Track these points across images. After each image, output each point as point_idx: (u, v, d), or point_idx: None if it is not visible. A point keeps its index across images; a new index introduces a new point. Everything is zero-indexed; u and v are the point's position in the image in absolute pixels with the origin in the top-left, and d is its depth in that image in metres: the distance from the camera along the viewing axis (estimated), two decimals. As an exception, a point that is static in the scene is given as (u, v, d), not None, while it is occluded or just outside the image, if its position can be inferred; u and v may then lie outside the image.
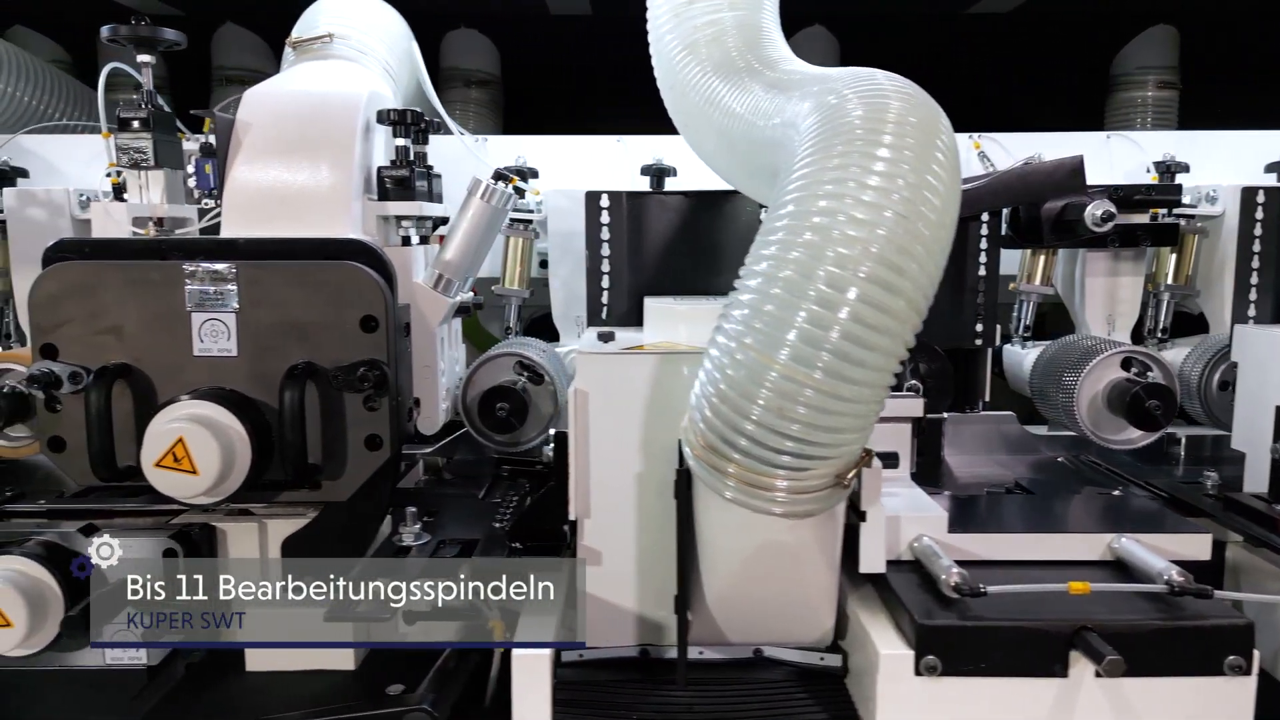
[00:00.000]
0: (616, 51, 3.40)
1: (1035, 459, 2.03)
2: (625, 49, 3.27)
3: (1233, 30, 3.42)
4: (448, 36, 3.22)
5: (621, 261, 1.76)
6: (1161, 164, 2.13)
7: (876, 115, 1.15)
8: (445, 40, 3.21)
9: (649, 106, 2.59)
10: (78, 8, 3.28)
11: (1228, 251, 2.09)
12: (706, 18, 1.55)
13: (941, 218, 1.10)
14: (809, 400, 1.08)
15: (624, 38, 3.27)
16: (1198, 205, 2.10)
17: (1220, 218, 2.10)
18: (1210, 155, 2.24)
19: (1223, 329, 2.10)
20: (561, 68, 3.44)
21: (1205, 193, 2.11)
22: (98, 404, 1.36)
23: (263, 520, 1.54)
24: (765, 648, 1.40)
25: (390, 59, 1.85)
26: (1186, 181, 2.12)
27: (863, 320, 1.06)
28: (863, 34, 3.16)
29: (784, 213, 1.14)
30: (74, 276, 1.40)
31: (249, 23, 3.30)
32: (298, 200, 1.53)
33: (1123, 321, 2.08)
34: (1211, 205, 2.09)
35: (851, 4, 3.16)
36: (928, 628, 1.16)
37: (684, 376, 1.35)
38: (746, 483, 1.15)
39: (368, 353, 1.41)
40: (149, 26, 1.69)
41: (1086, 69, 3.41)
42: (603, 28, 3.35)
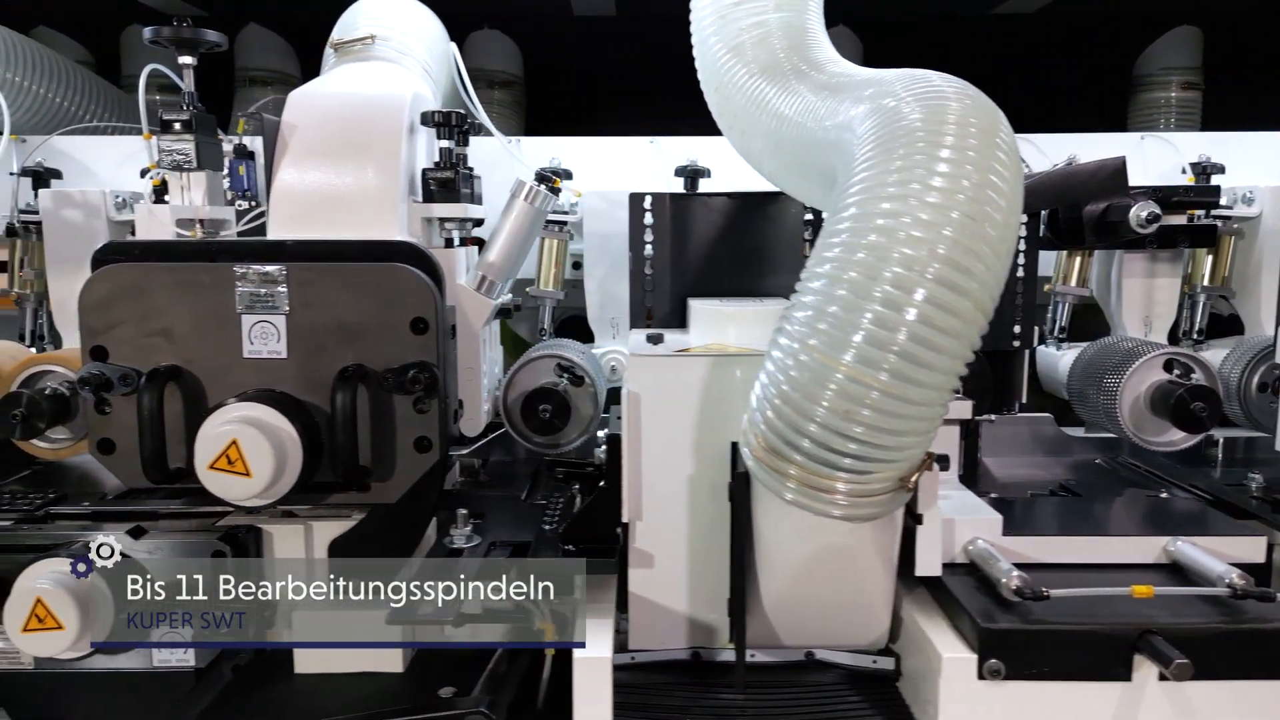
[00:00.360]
0: (640, 52, 3.42)
1: (1072, 460, 2.03)
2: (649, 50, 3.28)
3: (1256, 31, 3.41)
4: (470, 37, 3.22)
5: (664, 263, 1.76)
6: (1198, 165, 2.12)
7: (937, 117, 1.14)
8: (468, 41, 3.21)
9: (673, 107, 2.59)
10: (101, 8, 3.29)
11: (1264, 252, 2.08)
12: (752, 19, 1.55)
13: (1007, 218, 1.10)
14: (874, 403, 1.08)
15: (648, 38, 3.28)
16: (1233, 206, 2.10)
17: (1257, 219, 2.09)
18: (1242, 156, 2.23)
19: (1258, 330, 2.09)
20: (585, 68, 3.44)
21: (1241, 194, 2.10)
22: (150, 406, 1.36)
23: (308, 522, 1.54)
24: (817, 650, 1.39)
25: (429, 60, 1.85)
26: (1222, 183, 2.12)
27: (930, 322, 1.05)
28: (887, 35, 3.15)
29: (846, 215, 1.13)
30: (125, 278, 1.40)
31: (272, 23, 3.30)
32: (345, 202, 1.53)
33: (1159, 323, 2.07)
34: (1248, 206, 2.09)
35: (876, 5, 3.15)
36: (991, 631, 1.16)
37: (736, 379, 1.35)
38: (807, 485, 1.15)
39: (418, 355, 1.41)
40: (191, 28, 1.69)
41: (1110, 70, 3.41)
42: (626, 28, 3.36)
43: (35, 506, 1.60)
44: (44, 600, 1.32)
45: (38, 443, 1.71)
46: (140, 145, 2.24)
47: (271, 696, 1.41)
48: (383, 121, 1.57)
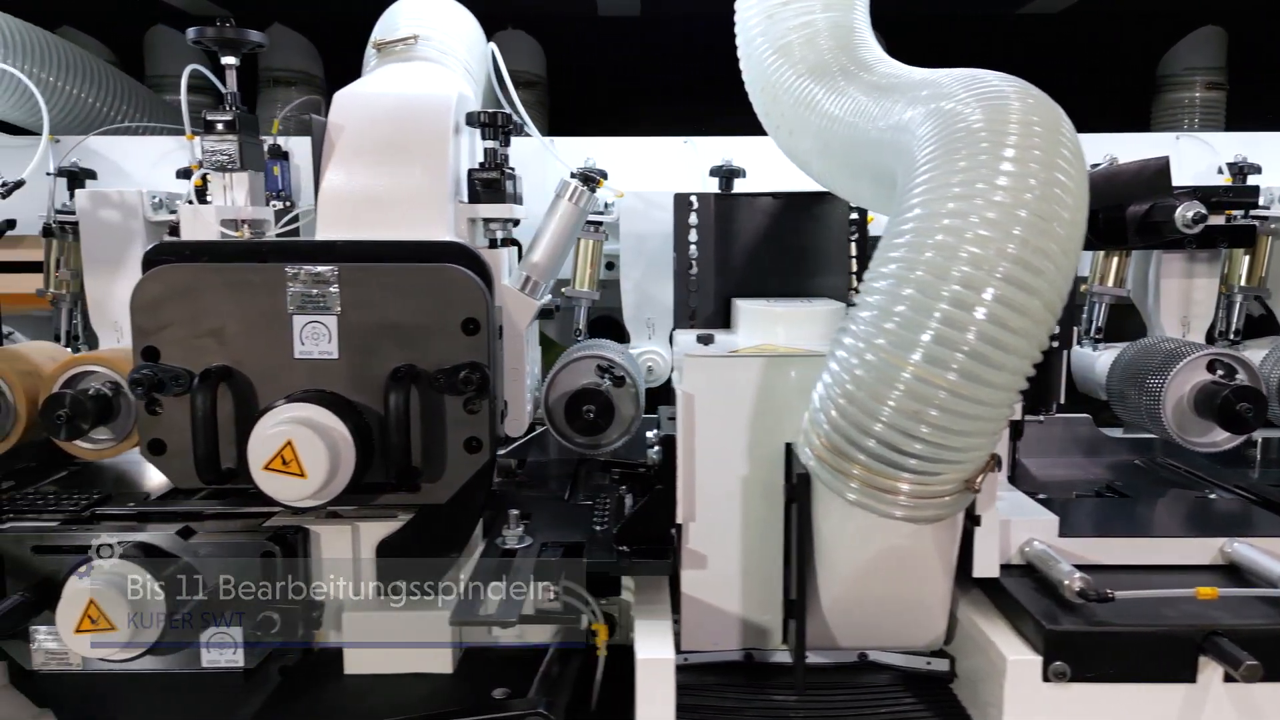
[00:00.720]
0: (666, 52, 3.41)
1: (1109, 461, 2.02)
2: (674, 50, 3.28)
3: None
4: (495, 37, 3.22)
5: (708, 263, 1.75)
6: (1234, 165, 2.11)
7: (999, 118, 1.14)
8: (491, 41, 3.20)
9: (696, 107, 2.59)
10: (124, 8, 3.29)
11: (1298, 252, 2.08)
12: (799, 19, 1.55)
13: (1075, 217, 1.09)
14: (942, 403, 1.07)
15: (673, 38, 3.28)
16: (1270, 206, 2.09)
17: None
18: (1275, 157, 2.23)
19: (1295, 331, 2.09)
20: (609, 68, 3.44)
21: (1278, 194, 2.09)
22: (204, 407, 1.36)
23: (354, 523, 1.54)
24: (870, 651, 1.39)
25: (470, 60, 1.85)
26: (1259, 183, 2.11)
27: (1000, 322, 1.05)
28: (912, 35, 3.13)
29: (910, 217, 1.13)
30: (176, 279, 1.40)
31: (296, 24, 3.30)
32: (393, 203, 1.52)
33: (1197, 323, 2.06)
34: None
35: (900, 5, 3.14)
36: (1057, 633, 1.16)
37: (791, 380, 1.35)
38: (870, 485, 1.15)
39: (469, 355, 1.41)
40: (234, 29, 1.69)
41: (1133, 70, 3.40)
42: (652, 29, 3.35)
43: (81, 507, 1.59)
44: (97, 601, 1.32)
45: (80, 444, 1.70)
46: (173, 145, 2.25)
47: (323, 697, 1.41)
48: (430, 122, 1.57)
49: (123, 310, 1.99)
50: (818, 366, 1.32)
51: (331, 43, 3.37)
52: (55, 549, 1.44)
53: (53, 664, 1.47)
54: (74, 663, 1.47)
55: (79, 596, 1.31)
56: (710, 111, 2.77)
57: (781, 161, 1.76)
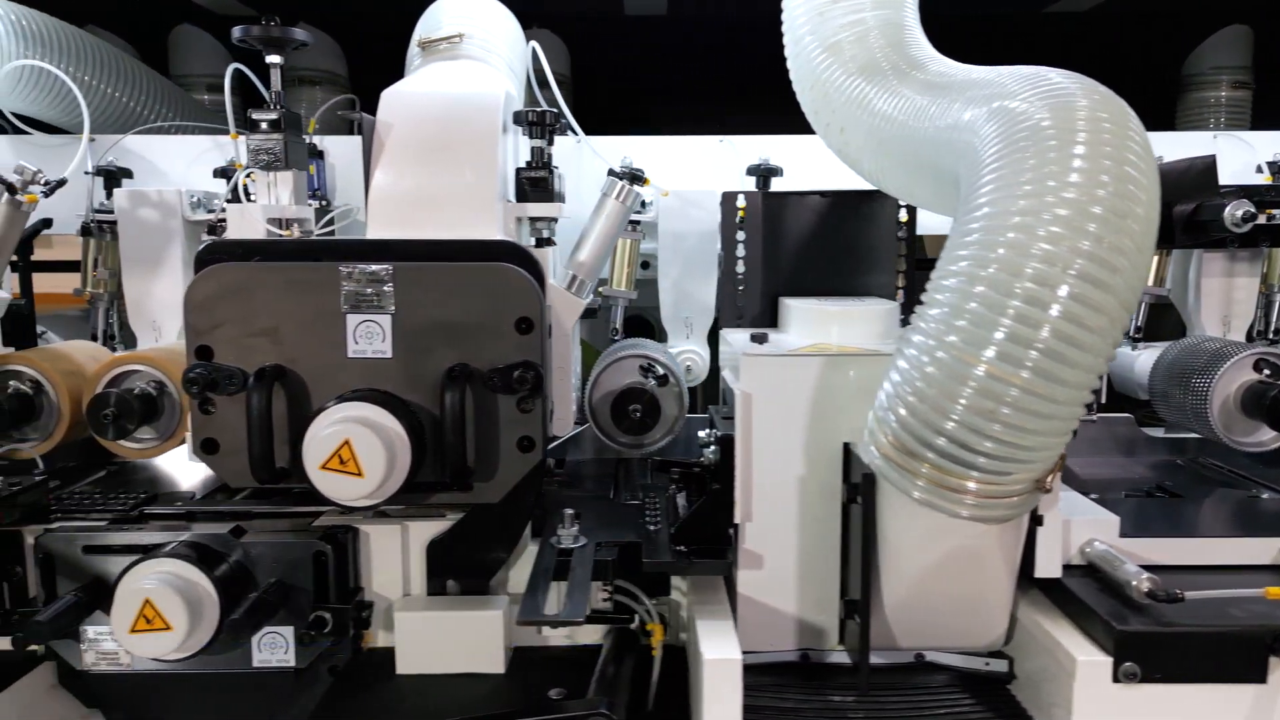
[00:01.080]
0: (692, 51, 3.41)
1: (1151, 461, 2.01)
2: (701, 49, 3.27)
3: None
4: (520, 36, 3.22)
5: (755, 262, 1.74)
6: (1275, 164, 2.10)
7: (1066, 116, 1.14)
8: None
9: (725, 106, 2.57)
10: (149, 7, 3.29)
11: (1340, 252, 2.07)
12: (849, 18, 1.54)
13: (1149, 213, 1.09)
14: (1015, 401, 1.07)
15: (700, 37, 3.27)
16: (1309, 205, 2.08)
17: (1333, 218, 2.07)
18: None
19: (1329, 330, 2.07)
20: (634, 67, 3.43)
21: (1318, 192, 2.08)
22: (259, 406, 1.36)
23: (403, 522, 1.54)
24: (927, 652, 1.38)
25: (512, 58, 1.84)
26: (1298, 181, 2.10)
27: (1076, 319, 1.04)
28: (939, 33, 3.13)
29: (979, 215, 1.12)
30: (230, 278, 1.40)
31: (321, 23, 3.29)
32: (443, 202, 1.52)
33: (1238, 323, 2.06)
34: (1325, 205, 2.06)
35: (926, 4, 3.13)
36: (1128, 634, 1.15)
37: (850, 379, 1.34)
38: (937, 484, 1.14)
39: (523, 354, 1.40)
40: (280, 27, 1.68)
41: (1159, 69, 3.39)
42: (678, 28, 3.34)
43: (129, 507, 1.59)
44: (153, 600, 1.31)
45: (125, 443, 1.70)
46: (208, 145, 2.24)
47: (378, 697, 1.40)
48: (479, 121, 1.56)
49: (161, 309, 2.01)
50: (877, 366, 1.32)
51: (356, 43, 3.37)
52: (106, 549, 1.44)
53: (102, 664, 1.47)
54: (123, 662, 1.47)
55: (134, 597, 1.31)
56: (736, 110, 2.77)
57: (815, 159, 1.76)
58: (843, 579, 1.36)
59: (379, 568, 1.52)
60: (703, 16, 3.08)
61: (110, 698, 1.51)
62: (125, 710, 1.51)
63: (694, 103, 3.26)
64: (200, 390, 1.38)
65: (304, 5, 3.31)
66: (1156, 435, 2.09)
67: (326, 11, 3.25)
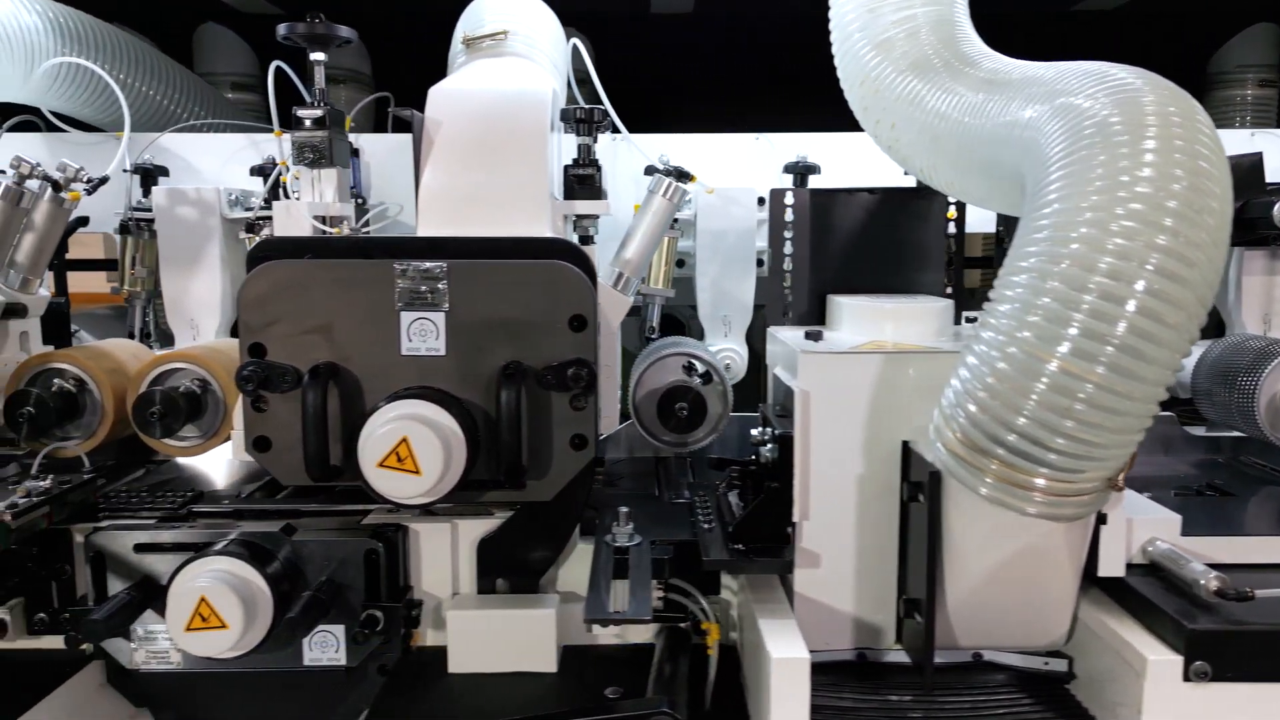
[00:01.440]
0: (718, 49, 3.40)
1: (1194, 459, 2.00)
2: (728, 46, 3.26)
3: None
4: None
5: (802, 259, 1.74)
6: (1314, 161, 2.09)
7: (1134, 110, 1.13)
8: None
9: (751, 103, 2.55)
10: (174, 6, 3.29)
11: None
12: (899, 14, 1.53)
13: (1223, 207, 1.08)
14: (1090, 397, 1.06)
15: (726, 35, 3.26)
16: (1349, 203, 2.07)
17: (1376, 215, 2.06)
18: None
19: (1365, 328, 2.06)
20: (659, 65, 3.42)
21: (1359, 190, 2.07)
22: (314, 403, 1.35)
23: (452, 520, 1.53)
24: (985, 651, 1.38)
25: (555, 55, 1.84)
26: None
27: (1153, 315, 1.04)
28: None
29: (1048, 212, 1.12)
30: (283, 276, 1.39)
31: (344, 21, 3.29)
32: (494, 200, 1.51)
33: (1278, 320, 2.05)
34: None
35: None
36: (1199, 633, 1.14)
37: (909, 377, 1.34)
38: (1006, 480, 1.13)
39: (576, 352, 1.39)
40: (324, 24, 1.68)
41: (1185, 67, 3.38)
42: (704, 26, 3.33)
43: (177, 505, 1.59)
44: (208, 599, 1.30)
45: (169, 441, 1.70)
46: (244, 143, 2.24)
47: (432, 695, 1.39)
48: (528, 119, 1.55)
49: (199, 307, 2.00)
50: (936, 364, 1.31)
51: (380, 41, 3.36)
52: (156, 547, 1.44)
53: (152, 663, 1.46)
54: (173, 661, 1.46)
55: (189, 595, 1.30)
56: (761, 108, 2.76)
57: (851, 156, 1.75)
58: (901, 577, 1.36)
59: (428, 566, 1.52)
60: (729, 14, 3.07)
61: (159, 697, 1.50)
62: (174, 709, 1.50)
63: (719, 102, 3.25)
64: (254, 388, 1.38)
65: (328, 4, 3.31)
66: (1198, 434, 2.08)
67: (347, 8, 3.24)
